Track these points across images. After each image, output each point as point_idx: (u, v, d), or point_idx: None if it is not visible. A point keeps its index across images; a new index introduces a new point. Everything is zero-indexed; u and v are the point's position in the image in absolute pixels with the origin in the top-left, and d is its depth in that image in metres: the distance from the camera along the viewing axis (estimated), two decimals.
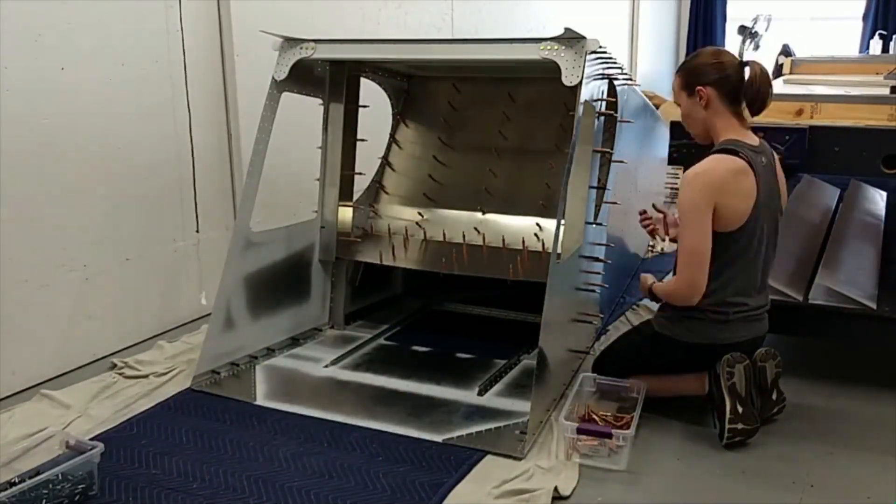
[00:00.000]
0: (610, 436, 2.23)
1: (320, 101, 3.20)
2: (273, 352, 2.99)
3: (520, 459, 2.23)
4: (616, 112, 2.98)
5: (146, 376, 2.81)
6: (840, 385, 2.67)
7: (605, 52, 2.73)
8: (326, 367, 2.88)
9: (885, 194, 4.31)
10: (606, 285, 3.02)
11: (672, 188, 4.93)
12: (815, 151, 2.43)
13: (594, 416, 2.39)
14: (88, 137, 2.87)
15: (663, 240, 2.86)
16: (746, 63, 2.34)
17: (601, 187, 2.91)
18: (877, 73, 3.84)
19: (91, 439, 2.24)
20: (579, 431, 2.25)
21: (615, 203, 3.06)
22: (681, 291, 2.36)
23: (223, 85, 3.40)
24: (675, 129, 2.60)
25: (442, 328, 3.32)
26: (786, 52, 5.33)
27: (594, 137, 2.75)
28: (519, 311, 3.32)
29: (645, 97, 3.77)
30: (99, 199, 2.95)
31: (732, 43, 8.84)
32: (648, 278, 2.58)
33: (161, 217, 3.21)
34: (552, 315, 2.44)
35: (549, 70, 2.52)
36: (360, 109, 3.32)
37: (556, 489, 2.07)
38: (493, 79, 3.56)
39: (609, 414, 2.42)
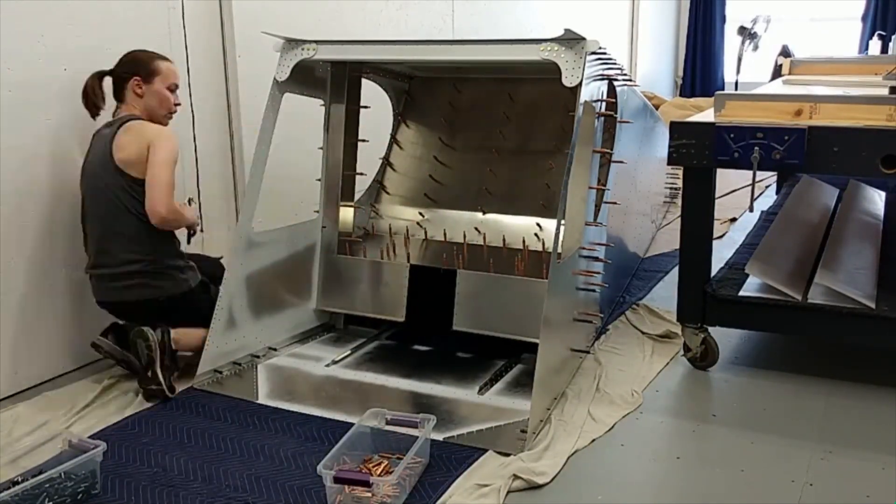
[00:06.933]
0: (367, 484, 1.86)
1: (321, 101, 3.21)
2: (275, 351, 3.00)
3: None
4: (616, 112, 3.00)
5: None
6: (839, 384, 2.68)
7: (604, 53, 2.74)
8: (328, 366, 2.89)
9: (883, 194, 4.33)
10: (606, 285, 3.03)
11: (672, 188, 4.94)
12: (814, 151, 2.43)
13: (382, 461, 2.11)
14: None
15: None
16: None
17: (601, 187, 2.92)
18: (876, 74, 3.85)
19: (93, 438, 2.25)
20: (336, 480, 1.92)
21: (615, 203, 3.07)
22: None
23: (225, 86, 3.41)
24: (675, 129, 2.60)
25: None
26: (785, 52, 5.34)
27: (594, 138, 2.76)
28: None
29: (645, 98, 3.79)
30: None
31: (732, 44, 8.87)
32: None
33: None
34: (552, 314, 2.46)
35: (549, 71, 2.53)
36: (361, 110, 3.33)
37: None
38: (493, 79, 3.57)
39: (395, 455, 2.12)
